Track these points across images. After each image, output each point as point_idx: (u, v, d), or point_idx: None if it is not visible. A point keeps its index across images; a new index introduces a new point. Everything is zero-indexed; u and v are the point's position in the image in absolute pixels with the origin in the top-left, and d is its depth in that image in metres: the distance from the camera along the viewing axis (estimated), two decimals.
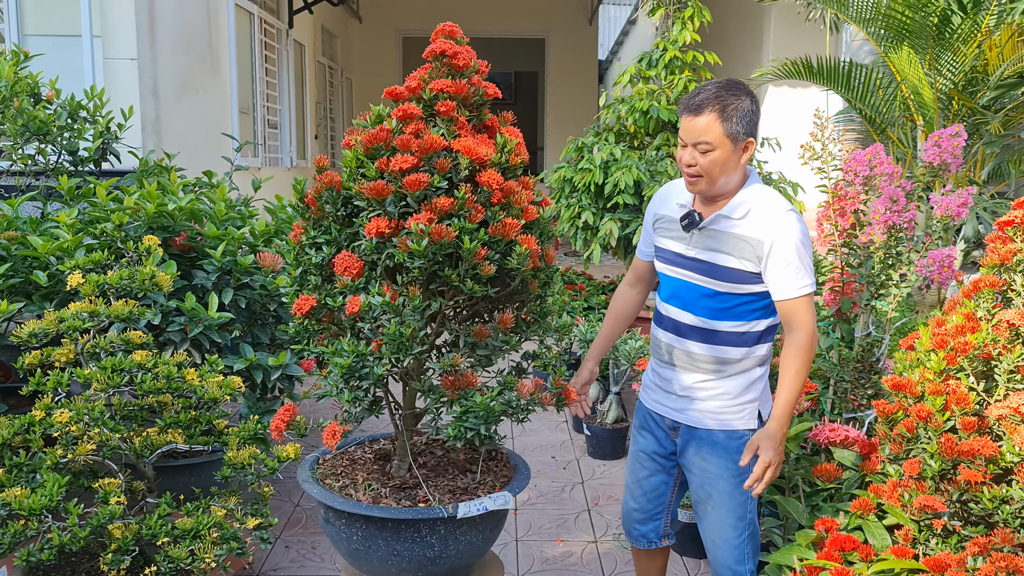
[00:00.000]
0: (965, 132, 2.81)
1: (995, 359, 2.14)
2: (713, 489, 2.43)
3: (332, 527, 2.45)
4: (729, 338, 2.35)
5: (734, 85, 2.26)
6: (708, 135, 2.21)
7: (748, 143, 2.26)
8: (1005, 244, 2.24)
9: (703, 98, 2.22)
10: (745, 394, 2.38)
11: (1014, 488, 1.99)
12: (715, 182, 2.27)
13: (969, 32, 4.87)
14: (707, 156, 2.22)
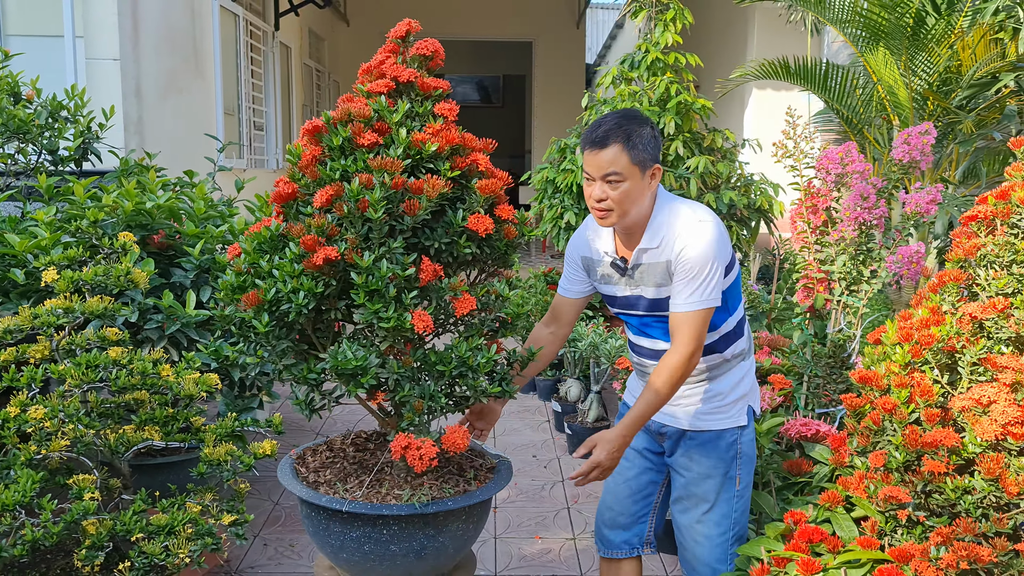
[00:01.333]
0: (934, 130, 2.84)
1: (959, 352, 2.16)
2: (699, 488, 2.41)
3: (310, 522, 2.45)
4: (708, 348, 2.33)
5: (634, 114, 2.23)
6: (616, 166, 2.17)
7: (655, 170, 2.24)
8: (970, 239, 2.27)
9: (606, 130, 2.19)
10: (734, 391, 2.38)
11: (976, 479, 2.02)
12: (627, 214, 2.22)
13: (943, 33, 4.93)
14: (618, 188, 2.19)
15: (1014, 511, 1.98)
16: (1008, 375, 2.03)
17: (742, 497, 2.44)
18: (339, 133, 2.21)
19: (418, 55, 2.36)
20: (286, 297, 2.08)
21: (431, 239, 2.34)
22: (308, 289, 2.08)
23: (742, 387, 2.39)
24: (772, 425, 2.77)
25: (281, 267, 2.09)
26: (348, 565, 2.36)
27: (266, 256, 2.18)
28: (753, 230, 5.65)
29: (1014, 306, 2.13)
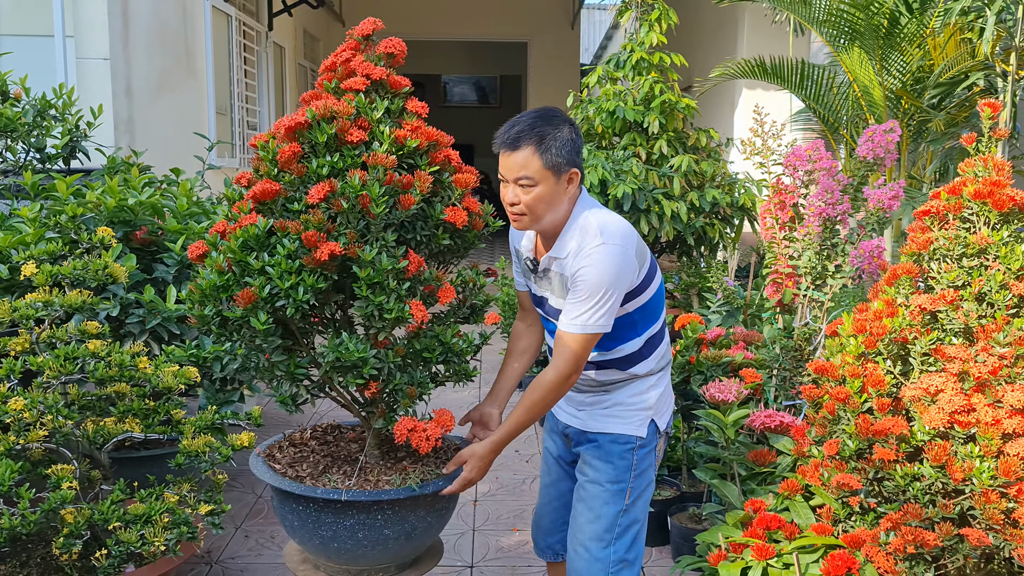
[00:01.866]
0: (899, 128, 2.90)
1: (910, 343, 2.22)
2: (587, 493, 2.30)
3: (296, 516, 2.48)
4: (606, 364, 2.25)
5: (551, 114, 2.14)
6: (528, 170, 2.08)
7: (572, 174, 2.13)
8: (924, 233, 2.33)
9: (519, 131, 2.10)
10: (637, 402, 2.28)
11: (924, 466, 2.07)
12: (540, 219, 2.14)
13: (915, 33, 4.99)
14: (530, 192, 2.10)
15: (959, 497, 2.04)
16: (956, 365, 2.09)
17: (630, 515, 2.29)
18: (325, 130, 2.25)
19: (384, 53, 2.41)
20: (283, 294, 2.12)
21: (412, 232, 2.41)
22: (311, 285, 2.12)
23: (646, 400, 2.28)
24: (738, 417, 2.83)
25: (276, 264, 2.12)
26: (338, 554, 2.39)
27: (253, 254, 2.21)
28: (737, 228, 5.71)
29: (963, 298, 2.18)
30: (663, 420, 2.33)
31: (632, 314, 2.21)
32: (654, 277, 2.25)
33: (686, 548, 3.12)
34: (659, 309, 2.29)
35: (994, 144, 2.27)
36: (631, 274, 2.12)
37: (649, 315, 2.25)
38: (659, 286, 2.28)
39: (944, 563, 2.04)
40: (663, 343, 2.33)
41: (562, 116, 2.15)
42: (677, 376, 3.44)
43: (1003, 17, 4.47)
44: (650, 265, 2.23)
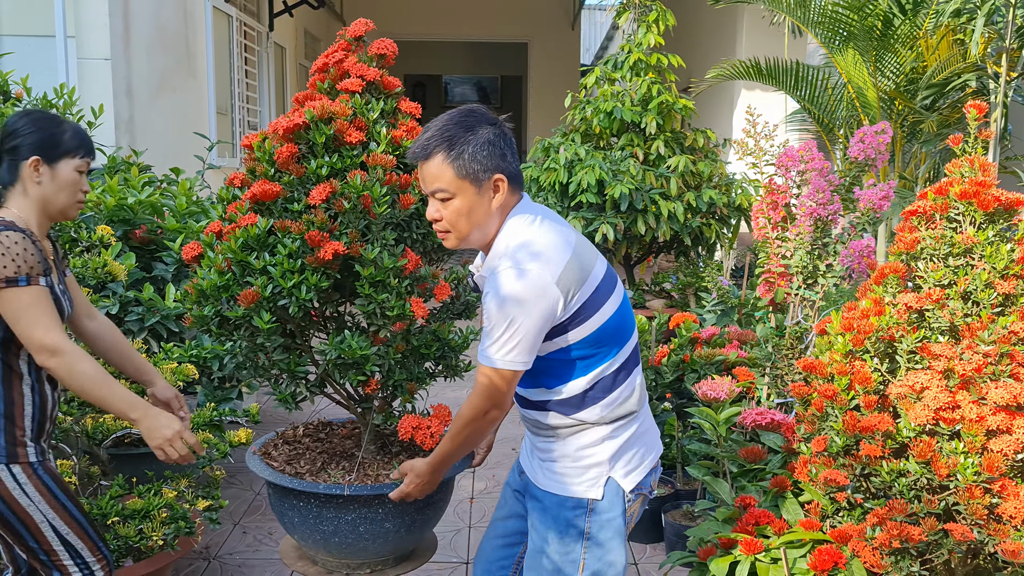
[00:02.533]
0: (890, 129, 2.93)
1: (897, 340, 2.25)
2: (535, 562, 2.01)
3: (297, 513, 2.52)
4: (549, 406, 1.95)
5: (466, 114, 1.90)
6: (441, 181, 1.85)
7: (496, 181, 1.87)
8: (911, 233, 2.36)
9: (428, 137, 1.86)
10: (585, 457, 1.94)
11: (910, 462, 2.10)
12: (465, 235, 1.89)
13: (908, 34, 5.03)
14: (448, 206, 1.86)
15: (944, 493, 2.07)
16: (941, 363, 2.12)
17: None
18: (324, 131, 2.28)
19: (376, 54, 2.45)
20: (286, 292, 2.14)
21: (409, 231, 2.45)
22: (314, 284, 2.14)
23: (597, 455, 1.93)
24: (730, 414, 2.86)
25: (279, 264, 2.14)
26: (339, 548, 2.43)
27: (254, 254, 2.22)
28: (733, 228, 5.75)
29: (949, 297, 2.21)
30: (630, 479, 1.96)
31: (571, 349, 1.87)
32: (602, 305, 1.89)
33: (679, 544, 3.16)
34: (614, 344, 1.93)
35: (980, 145, 2.30)
36: (550, 303, 1.78)
37: (598, 351, 1.90)
38: (614, 317, 1.92)
39: (930, 558, 2.07)
40: (624, 385, 1.95)
41: (481, 115, 1.91)
42: (671, 374, 3.47)
43: (994, 19, 4.50)
44: (597, 292, 1.88)
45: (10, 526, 2.09)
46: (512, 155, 1.92)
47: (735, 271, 6.21)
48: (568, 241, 1.88)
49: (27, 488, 2.07)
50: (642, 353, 3.51)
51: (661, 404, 3.54)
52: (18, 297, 1.96)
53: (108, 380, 2.03)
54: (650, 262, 6.60)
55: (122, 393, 2.04)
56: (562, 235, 1.89)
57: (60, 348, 1.98)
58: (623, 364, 1.95)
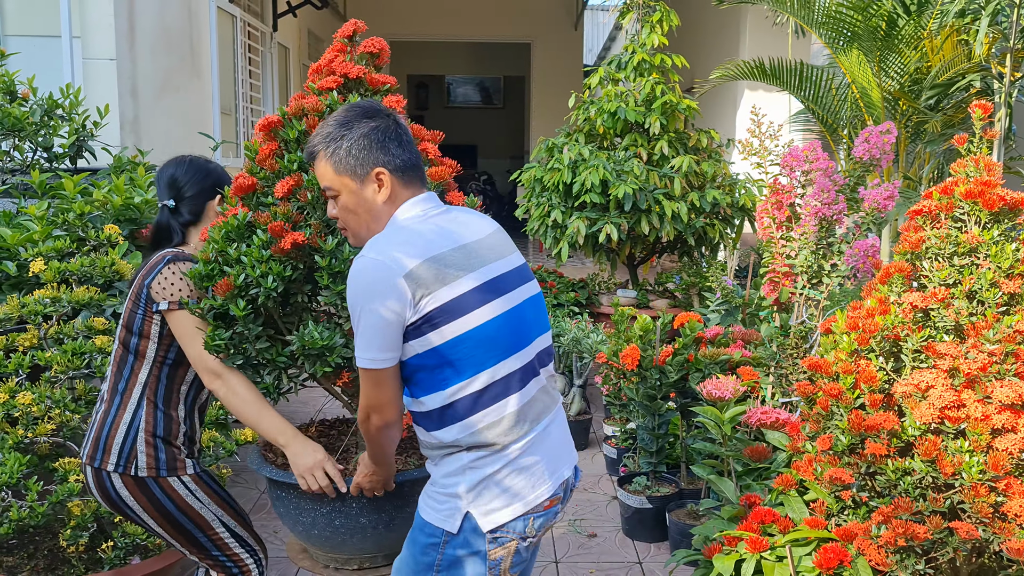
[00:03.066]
0: (895, 129, 2.94)
1: (902, 340, 2.26)
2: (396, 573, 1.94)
3: (281, 504, 2.54)
4: (415, 417, 1.87)
5: (345, 111, 1.89)
6: (325, 179, 1.87)
7: (378, 175, 1.84)
8: (916, 232, 2.37)
9: (312, 137, 1.89)
10: (448, 485, 1.82)
11: (915, 460, 2.11)
12: (359, 234, 1.89)
13: (912, 34, 5.04)
14: (338, 204, 1.88)
15: (949, 491, 2.07)
16: (946, 362, 2.13)
17: None
18: (295, 127, 2.31)
19: (366, 53, 2.46)
20: (255, 282, 2.17)
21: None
22: (277, 273, 2.16)
23: (458, 485, 1.80)
24: (735, 413, 2.87)
25: (249, 254, 2.18)
26: (320, 542, 2.45)
27: (234, 244, 2.26)
28: (737, 228, 5.75)
29: (954, 296, 2.22)
30: (491, 518, 1.78)
31: (423, 356, 1.76)
32: (465, 314, 1.75)
33: (684, 543, 3.17)
34: (479, 362, 1.76)
35: (985, 145, 2.31)
36: (395, 297, 1.70)
37: (456, 365, 1.75)
38: (481, 331, 1.77)
39: (935, 556, 2.08)
40: (488, 411, 1.77)
41: (361, 110, 1.89)
42: (675, 374, 3.48)
43: (998, 19, 4.51)
44: (462, 299, 1.75)
45: (185, 531, 2.27)
46: (398, 147, 1.87)
47: (739, 271, 6.22)
48: (442, 239, 1.80)
49: (197, 493, 2.27)
50: (647, 352, 3.51)
51: (665, 403, 3.55)
52: (191, 319, 2.18)
53: (262, 405, 2.23)
54: (654, 262, 6.60)
55: (273, 418, 2.23)
56: (436, 232, 1.81)
57: (222, 371, 2.19)
58: (490, 386, 1.78)
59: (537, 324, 1.93)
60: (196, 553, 2.32)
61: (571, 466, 1.97)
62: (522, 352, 1.85)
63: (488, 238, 1.90)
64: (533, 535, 1.82)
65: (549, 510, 1.85)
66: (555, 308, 5.90)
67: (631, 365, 3.48)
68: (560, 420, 1.97)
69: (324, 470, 2.20)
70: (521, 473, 1.80)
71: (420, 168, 1.92)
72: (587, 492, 4.16)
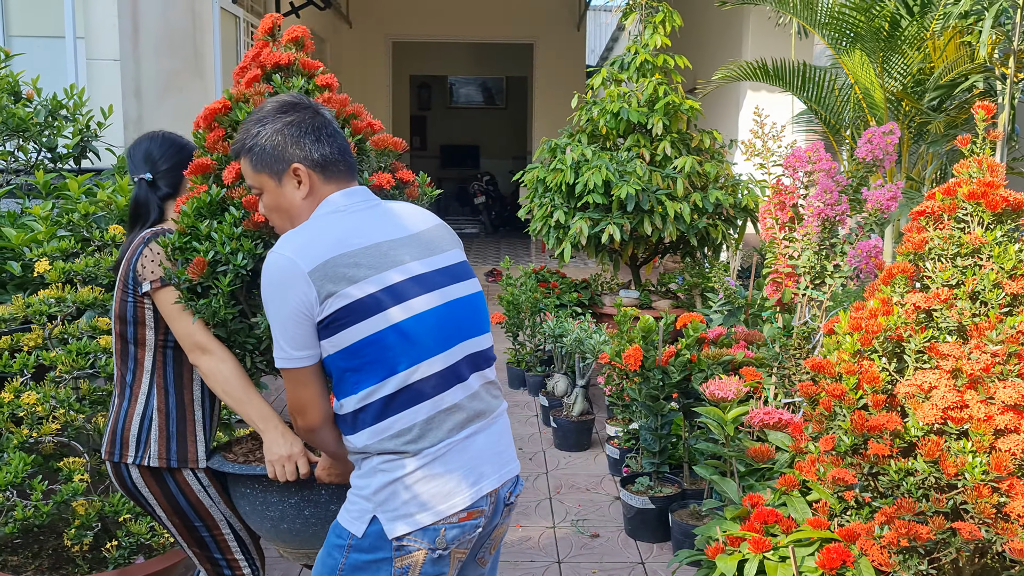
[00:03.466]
0: (898, 130, 2.94)
1: (905, 340, 2.26)
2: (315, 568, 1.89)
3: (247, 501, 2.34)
4: (335, 418, 1.82)
5: (261, 107, 1.85)
6: (247, 178, 1.86)
7: (295, 170, 1.79)
8: (919, 233, 2.37)
9: (236, 136, 1.87)
10: (361, 487, 1.77)
11: (918, 461, 2.11)
12: (286, 231, 1.82)
13: (915, 35, 5.04)
14: (262, 204, 1.87)
15: (952, 492, 2.08)
16: (949, 362, 2.13)
17: None
18: (244, 109, 2.28)
19: (291, 41, 2.43)
20: (224, 259, 2.07)
21: None
22: (248, 250, 2.07)
23: (366, 488, 1.75)
24: (737, 414, 2.87)
25: (220, 230, 2.07)
26: (291, 537, 2.29)
27: (206, 220, 2.15)
28: (740, 229, 5.76)
29: (957, 297, 2.22)
30: (399, 525, 1.71)
31: (335, 358, 1.72)
32: (374, 314, 1.69)
33: (687, 544, 3.17)
34: (387, 366, 1.70)
35: (988, 146, 2.31)
36: (300, 293, 1.66)
37: (365, 369, 1.70)
38: (393, 333, 1.70)
39: (937, 556, 2.08)
40: (399, 416, 1.71)
41: (278, 105, 1.83)
42: (678, 374, 3.48)
43: (1002, 21, 4.52)
44: (371, 299, 1.69)
45: (192, 527, 2.26)
46: (315, 142, 1.80)
47: (741, 272, 6.22)
48: (356, 235, 1.74)
49: (209, 490, 2.25)
50: (649, 353, 3.52)
51: (668, 404, 3.55)
52: (174, 295, 2.10)
53: (249, 386, 2.14)
54: (656, 263, 6.61)
55: (258, 402, 2.14)
56: (352, 228, 1.76)
57: (211, 346, 2.11)
58: (402, 391, 1.71)
59: (469, 326, 1.84)
60: (197, 551, 2.31)
61: (503, 479, 1.84)
62: (443, 355, 1.76)
63: (419, 235, 1.83)
64: (444, 547, 1.73)
65: (466, 523, 1.75)
66: (558, 308, 5.91)
67: (634, 366, 3.49)
68: (496, 429, 1.87)
69: (296, 464, 2.09)
70: (433, 481, 1.72)
71: (345, 161, 1.85)
72: (590, 492, 4.16)
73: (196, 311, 2.11)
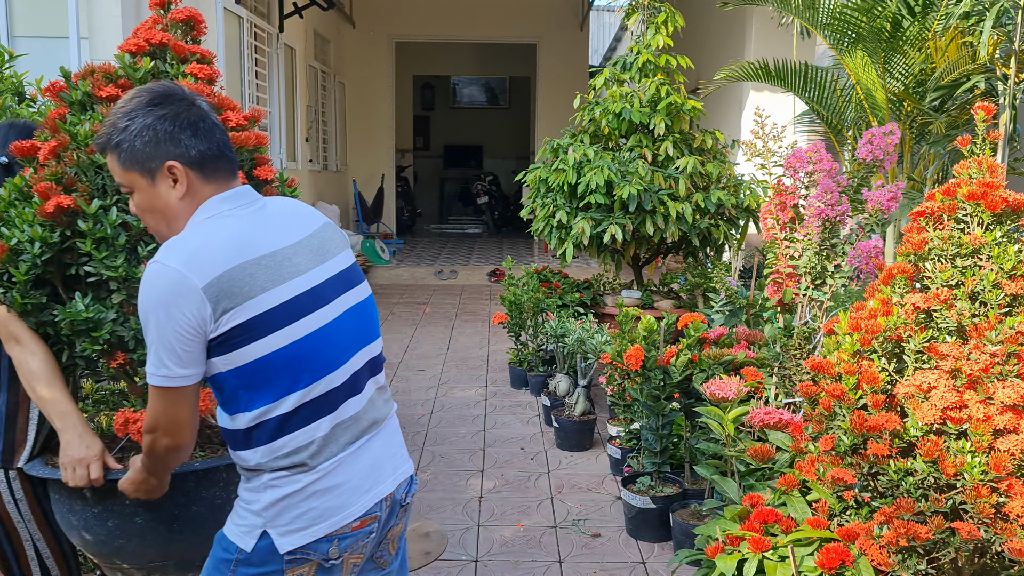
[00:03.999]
0: (899, 130, 2.95)
1: (905, 340, 2.27)
2: None
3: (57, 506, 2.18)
4: (221, 430, 1.71)
5: (130, 98, 1.68)
6: (115, 175, 1.69)
7: (170, 168, 1.64)
8: (919, 233, 2.37)
9: (101, 127, 1.71)
10: (252, 501, 1.68)
11: (917, 461, 2.12)
12: (161, 234, 1.70)
13: (917, 35, 5.05)
14: (134, 203, 1.71)
15: (951, 492, 2.08)
16: (948, 363, 2.14)
17: None
18: (79, 88, 2.19)
19: (176, 21, 2.40)
20: (23, 247, 2.01)
21: None
22: (40, 238, 2.00)
23: (257, 502, 1.66)
24: (738, 414, 2.88)
25: (22, 216, 2.01)
26: (97, 548, 2.12)
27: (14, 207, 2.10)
28: (742, 229, 5.76)
29: (956, 297, 2.23)
30: (290, 539, 1.65)
31: (227, 376, 1.60)
32: (273, 331, 1.59)
33: (687, 544, 3.18)
34: (285, 384, 1.61)
35: (988, 147, 2.32)
36: (192, 309, 1.53)
37: (262, 387, 1.60)
38: (292, 350, 1.61)
39: (936, 556, 2.09)
40: (296, 434, 1.64)
41: (153, 94, 1.68)
42: (679, 374, 3.49)
43: (1002, 21, 4.52)
44: (266, 316, 1.59)
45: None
46: (193, 137, 1.66)
47: (743, 272, 6.22)
48: (250, 244, 1.62)
49: (21, 505, 2.10)
50: (651, 353, 3.52)
51: (669, 404, 3.56)
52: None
53: (52, 382, 2.01)
54: (658, 263, 6.61)
55: (61, 401, 2.01)
56: (244, 236, 1.63)
57: (23, 336, 2.01)
58: (300, 408, 1.64)
59: (362, 334, 1.78)
60: None
61: (397, 481, 1.81)
62: (342, 368, 1.70)
63: (310, 238, 1.73)
64: (336, 557, 1.69)
65: (359, 530, 1.71)
66: (560, 309, 5.92)
67: (635, 366, 3.50)
68: (388, 432, 1.83)
69: (89, 467, 1.96)
70: (326, 494, 1.67)
71: (226, 157, 1.71)
72: (591, 492, 4.17)
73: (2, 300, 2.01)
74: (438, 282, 10.88)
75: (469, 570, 3.40)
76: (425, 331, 7.93)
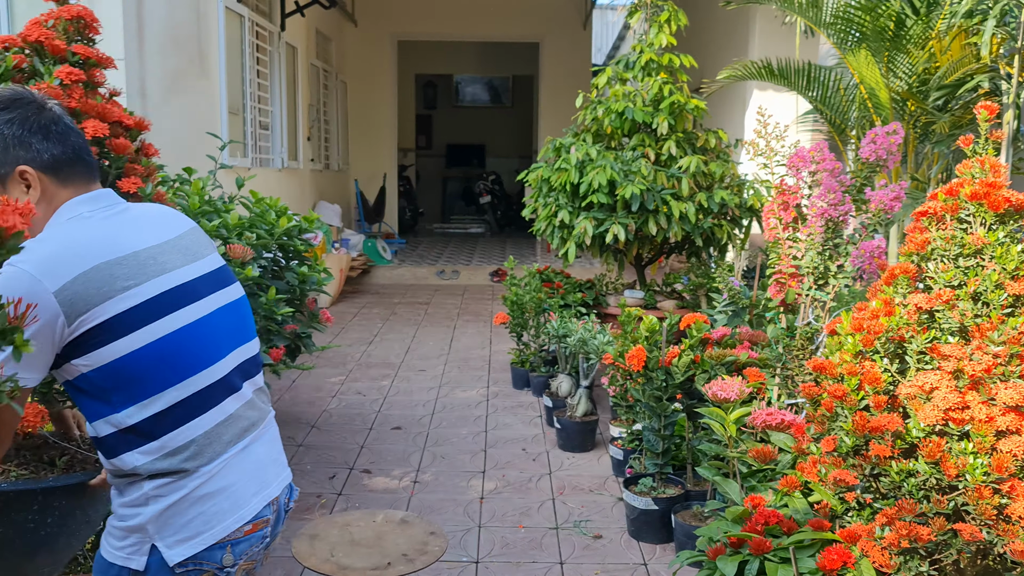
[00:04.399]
0: (902, 130, 2.93)
1: (907, 341, 2.25)
2: None
3: None
4: (92, 439, 1.64)
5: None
6: None
7: (21, 174, 1.59)
8: (922, 233, 2.36)
9: None
10: (128, 517, 1.61)
11: (919, 462, 2.11)
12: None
13: (921, 34, 5.03)
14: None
15: (953, 493, 2.07)
16: (951, 363, 2.12)
17: None
18: None
19: (63, 18, 2.31)
20: None
21: None
22: None
23: (138, 517, 1.59)
24: (740, 415, 2.87)
25: None
26: None
27: None
28: (745, 229, 5.74)
29: (959, 298, 2.21)
30: (180, 550, 1.59)
31: (91, 377, 1.55)
32: (138, 329, 1.55)
33: (689, 545, 3.17)
34: (156, 383, 1.57)
35: (992, 146, 2.30)
36: (45, 315, 1.46)
37: (131, 387, 1.56)
38: (160, 347, 1.57)
39: (939, 558, 2.08)
40: (175, 434, 1.59)
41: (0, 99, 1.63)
42: (682, 375, 3.48)
43: (1006, 20, 4.50)
44: (129, 314, 1.54)
45: None
46: (44, 140, 1.61)
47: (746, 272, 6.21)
48: (109, 246, 1.57)
49: None
50: (653, 353, 3.51)
51: (671, 405, 3.55)
52: None
53: None
54: (661, 263, 6.60)
55: None
56: (103, 238, 1.59)
57: None
58: (174, 408, 1.59)
59: (237, 333, 1.75)
60: None
61: (281, 485, 1.79)
62: (215, 367, 1.66)
63: (179, 239, 1.70)
64: (232, 564, 1.65)
65: (252, 535, 1.68)
66: (562, 309, 5.90)
67: (637, 366, 3.48)
68: (269, 436, 1.81)
69: None
70: (213, 498, 1.62)
71: (83, 160, 1.66)
72: (593, 493, 4.16)
73: None
74: (440, 282, 10.88)
75: (470, 571, 3.39)
76: (427, 331, 7.92)
